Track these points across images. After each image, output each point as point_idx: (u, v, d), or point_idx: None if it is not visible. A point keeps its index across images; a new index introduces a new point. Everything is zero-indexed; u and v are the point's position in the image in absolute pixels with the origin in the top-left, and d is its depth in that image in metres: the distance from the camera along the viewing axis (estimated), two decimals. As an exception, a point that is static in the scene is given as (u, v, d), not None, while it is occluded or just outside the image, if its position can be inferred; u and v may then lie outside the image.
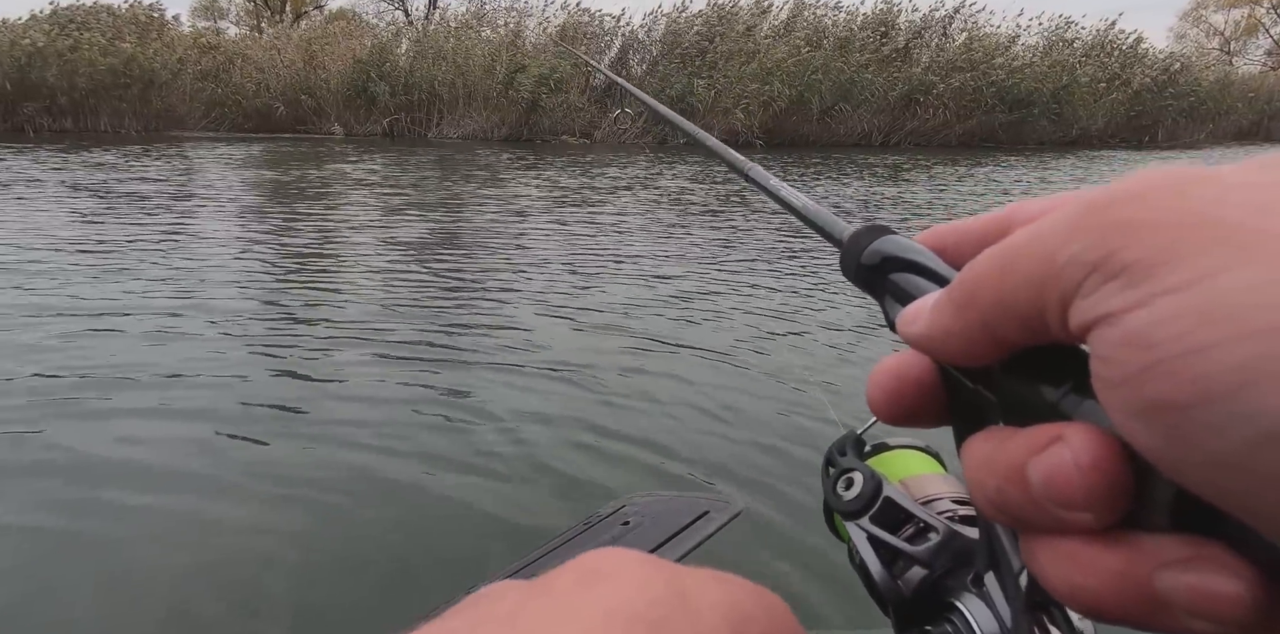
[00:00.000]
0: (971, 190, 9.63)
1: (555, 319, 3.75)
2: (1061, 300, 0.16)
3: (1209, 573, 0.15)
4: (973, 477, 0.19)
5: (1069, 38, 20.10)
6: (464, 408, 2.66)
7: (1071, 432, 0.16)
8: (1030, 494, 0.17)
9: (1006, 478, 0.17)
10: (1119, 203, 0.16)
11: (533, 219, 6.68)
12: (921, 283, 0.23)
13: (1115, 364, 0.15)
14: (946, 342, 0.19)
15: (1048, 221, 0.17)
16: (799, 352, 3.39)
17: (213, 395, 2.70)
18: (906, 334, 0.21)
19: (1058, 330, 0.17)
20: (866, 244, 0.25)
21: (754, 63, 16.18)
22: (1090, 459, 0.16)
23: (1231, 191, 0.15)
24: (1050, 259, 0.16)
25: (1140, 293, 0.15)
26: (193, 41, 16.76)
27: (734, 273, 4.84)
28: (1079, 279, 0.16)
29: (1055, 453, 0.16)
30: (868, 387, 0.22)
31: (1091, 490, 0.16)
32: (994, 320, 0.18)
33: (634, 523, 1.50)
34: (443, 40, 16.70)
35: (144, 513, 1.97)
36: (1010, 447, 0.18)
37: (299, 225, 6.16)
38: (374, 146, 13.89)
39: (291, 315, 3.73)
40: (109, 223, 5.89)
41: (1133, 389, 0.15)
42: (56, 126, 14.68)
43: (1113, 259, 0.15)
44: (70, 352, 3.07)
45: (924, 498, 0.38)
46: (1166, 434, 0.14)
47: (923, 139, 17.93)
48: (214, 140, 14.35)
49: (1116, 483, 0.16)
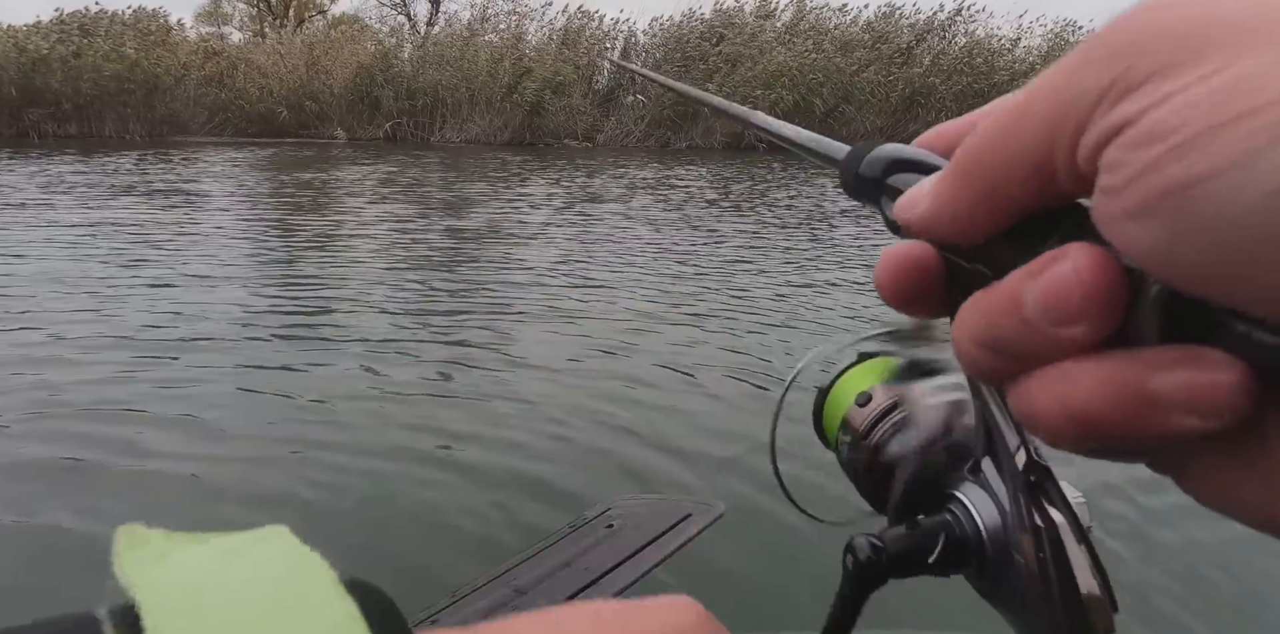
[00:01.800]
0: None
1: (546, 322, 3.75)
2: (1073, 134, 0.16)
3: (1203, 368, 0.15)
4: (961, 324, 0.19)
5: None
6: (449, 412, 2.66)
7: (1069, 249, 0.16)
8: (1023, 317, 0.17)
9: (999, 310, 0.17)
10: (1122, 24, 0.16)
11: (532, 223, 6.69)
12: (919, 177, 0.23)
13: (1123, 166, 0.15)
14: (948, 218, 0.19)
15: (1050, 69, 0.17)
16: (790, 353, 3.38)
17: (209, 401, 2.71)
18: (906, 219, 0.21)
19: (1066, 177, 0.17)
20: (864, 154, 0.25)
21: (758, 67, 16.20)
22: (1089, 263, 0.16)
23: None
24: (1059, 96, 0.16)
25: (1152, 97, 0.15)
26: (196, 47, 16.86)
27: (732, 276, 4.84)
28: (1091, 105, 0.16)
29: (1056, 269, 0.16)
30: (875, 270, 0.23)
31: (1089, 297, 0.16)
32: (998, 184, 0.18)
33: (618, 526, 1.50)
34: (446, 45, 16.77)
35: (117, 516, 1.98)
36: (1004, 283, 0.18)
37: (302, 229, 6.18)
38: (377, 151, 13.94)
39: (292, 317, 3.74)
40: (114, 226, 5.92)
41: (1140, 182, 0.15)
42: (61, 132, 14.78)
43: (1126, 76, 0.15)
44: (74, 351, 3.09)
45: (904, 392, 0.39)
46: (1170, 223, 0.14)
47: (926, 141, 17.94)
48: (218, 145, 14.42)
49: (1114, 286, 0.16)
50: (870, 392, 0.41)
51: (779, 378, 3.06)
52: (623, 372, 3.06)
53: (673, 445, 2.40)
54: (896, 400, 0.39)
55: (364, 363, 3.11)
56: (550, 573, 1.53)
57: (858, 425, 0.40)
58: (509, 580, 1.53)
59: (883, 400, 0.39)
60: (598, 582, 1.50)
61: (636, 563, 1.50)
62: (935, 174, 0.20)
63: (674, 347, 3.41)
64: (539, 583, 1.52)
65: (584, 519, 1.53)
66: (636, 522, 1.50)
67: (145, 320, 3.56)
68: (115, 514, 1.98)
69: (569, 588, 1.49)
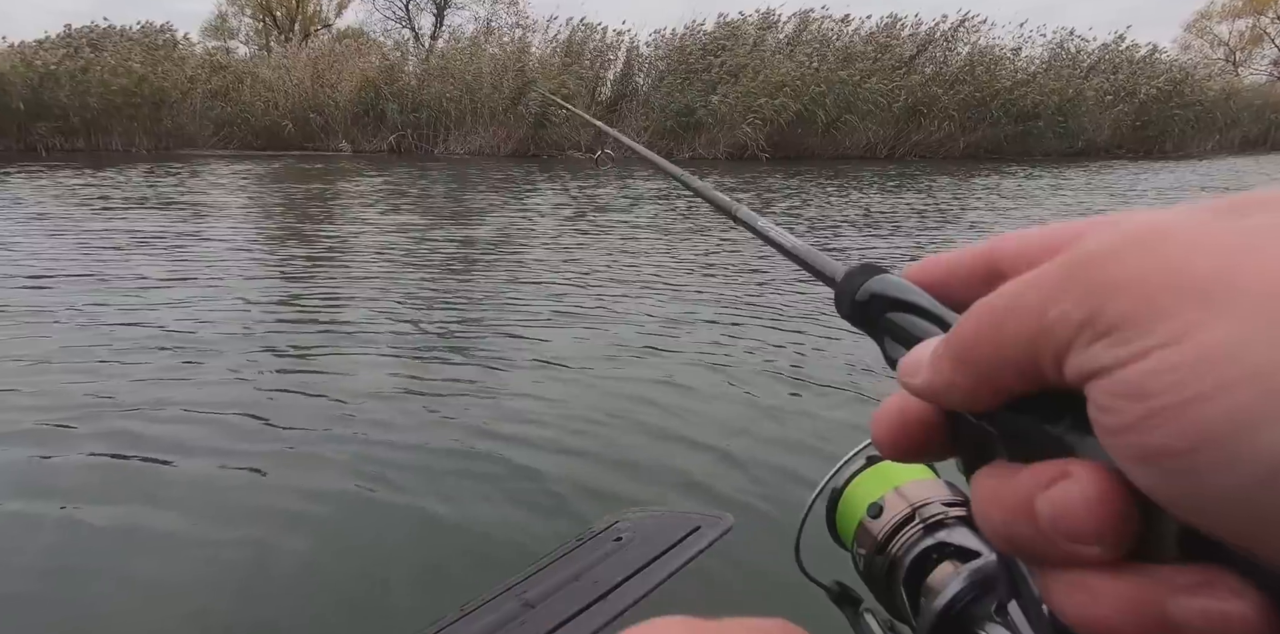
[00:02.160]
0: (988, 203, 9.62)
1: (553, 335, 3.75)
2: (1055, 356, 0.17)
3: (1220, 596, 0.15)
4: (981, 510, 0.19)
5: (1074, 50, 20.14)
6: (455, 424, 2.66)
7: (1078, 467, 0.17)
8: (1039, 528, 0.17)
9: (1015, 512, 0.18)
10: (1096, 261, 0.17)
11: (538, 234, 6.70)
12: (917, 322, 0.24)
13: (1114, 413, 0.16)
14: (948, 393, 0.20)
15: (1032, 279, 0.18)
16: (799, 366, 3.38)
17: (211, 412, 2.71)
18: (909, 386, 0.21)
19: (1055, 380, 0.17)
20: (860, 284, 0.26)
21: (760, 77, 16.25)
22: (1098, 493, 0.16)
23: (1199, 241, 0.16)
24: (1039, 318, 0.17)
25: (1131, 349, 0.15)
26: (203, 61, 16.98)
27: (738, 287, 4.84)
28: (1069, 337, 0.17)
29: (1064, 488, 0.17)
30: (872, 427, 0.23)
31: (1100, 524, 0.16)
32: (991, 373, 0.19)
33: (626, 539, 1.49)
34: (450, 58, 16.88)
35: (119, 530, 1.98)
36: (1017, 482, 0.18)
37: (309, 239, 6.20)
38: (382, 163, 14.00)
39: (296, 331, 3.75)
40: (123, 238, 5.95)
41: (1135, 436, 0.15)
42: (69, 146, 14.87)
43: (1099, 317, 0.16)
44: (83, 360, 3.10)
45: (918, 502, 0.40)
46: (1170, 477, 0.15)
47: (928, 151, 17.95)
48: (224, 158, 14.50)
49: (1124, 516, 0.16)
50: (882, 502, 0.41)
51: (790, 388, 3.05)
52: (631, 383, 3.06)
53: (682, 457, 2.39)
54: (911, 513, 0.39)
55: (370, 375, 3.11)
56: (559, 586, 1.53)
57: (872, 538, 0.40)
58: (518, 594, 1.53)
59: (896, 512, 0.40)
60: (607, 596, 1.50)
61: (646, 577, 1.49)
62: (932, 343, 0.21)
63: (685, 357, 3.41)
64: (548, 597, 1.51)
65: (592, 532, 1.52)
66: (645, 535, 1.49)
67: (164, 324, 3.57)
68: (133, 509, 1.98)
69: (578, 602, 1.48)
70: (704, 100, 16.21)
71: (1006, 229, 0.30)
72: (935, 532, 0.38)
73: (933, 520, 0.39)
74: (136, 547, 1.91)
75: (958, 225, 7.76)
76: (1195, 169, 15.70)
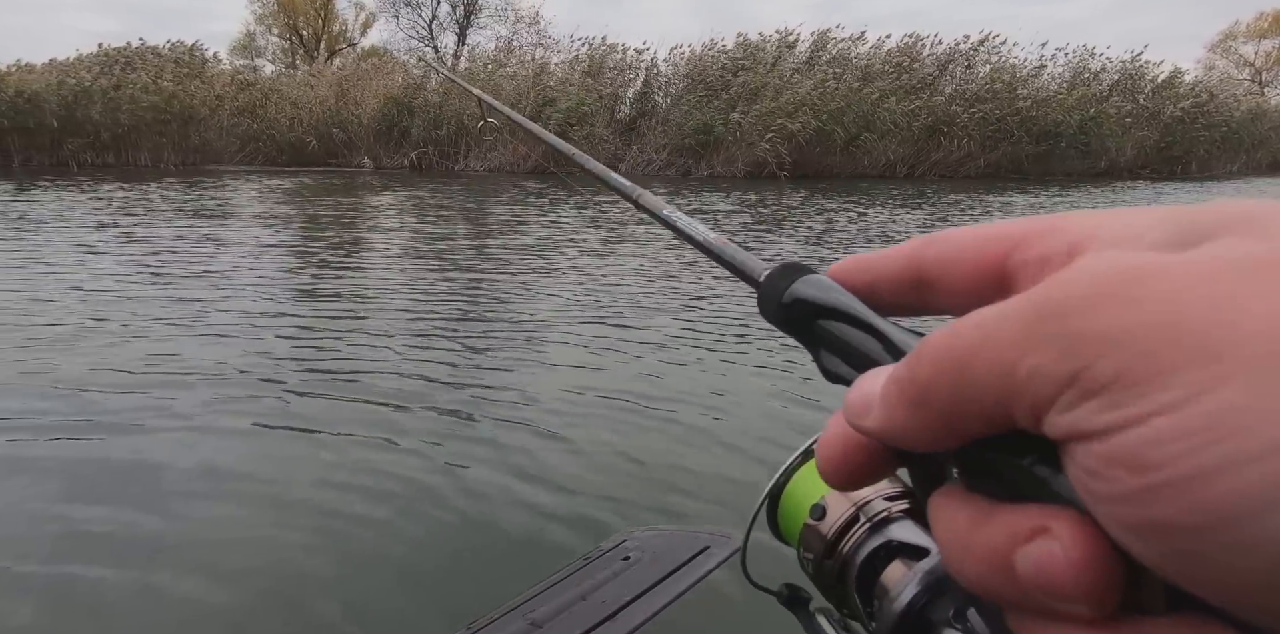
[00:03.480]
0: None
1: (568, 351, 3.75)
2: (1033, 411, 0.16)
3: None
4: (951, 555, 0.18)
5: (1095, 69, 20.07)
6: (466, 440, 2.65)
7: (1058, 523, 0.16)
8: (1018, 584, 0.16)
9: (989, 565, 0.17)
10: (1075, 310, 0.15)
11: (557, 250, 6.73)
12: (854, 336, 0.22)
13: (1107, 482, 0.15)
14: (905, 436, 0.19)
15: (995, 322, 0.16)
16: (810, 383, 3.35)
17: (221, 426, 2.73)
18: (858, 427, 0.20)
19: (1030, 429, 0.16)
20: (785, 286, 0.24)
21: (783, 97, 16.31)
22: (1082, 554, 0.15)
23: (1187, 289, 0.14)
24: (1009, 369, 0.16)
25: (1126, 413, 0.14)
26: (230, 79, 17.34)
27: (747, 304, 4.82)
28: (1051, 394, 0.15)
29: (1045, 546, 0.16)
30: (817, 460, 0.22)
31: (1086, 585, 0.15)
32: (953, 420, 0.17)
33: (634, 558, 1.47)
34: (472, 76, 17.11)
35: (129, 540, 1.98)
36: (990, 532, 0.17)
37: (331, 253, 6.27)
38: (404, 179, 14.17)
39: (312, 343, 3.77)
40: (152, 251, 6.04)
41: (1132, 508, 0.14)
42: (99, 161, 15.20)
43: (1086, 375, 0.15)
44: (104, 361, 3.13)
45: (859, 500, 0.39)
46: (1171, 553, 0.14)
47: (948, 170, 17.90)
48: (249, 173, 14.74)
49: (1111, 576, 0.15)
50: (824, 503, 0.40)
51: (804, 406, 3.02)
52: (643, 401, 3.04)
53: (691, 475, 2.37)
54: (855, 513, 0.38)
55: (381, 389, 3.11)
56: (567, 606, 1.51)
57: (820, 541, 0.39)
58: (524, 612, 1.51)
59: (840, 513, 0.39)
60: (615, 616, 1.48)
61: (654, 597, 1.47)
62: (880, 378, 0.19)
63: (698, 375, 3.39)
64: (555, 616, 1.49)
65: (600, 551, 1.50)
66: (654, 554, 1.47)
67: (177, 337, 3.61)
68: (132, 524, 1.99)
69: (586, 622, 1.46)
70: (723, 118, 16.28)
71: None
72: (882, 529, 0.37)
73: (878, 518, 0.38)
74: (132, 548, 1.91)
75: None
76: (1220, 190, 15.51)
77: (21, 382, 3.10)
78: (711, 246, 0.30)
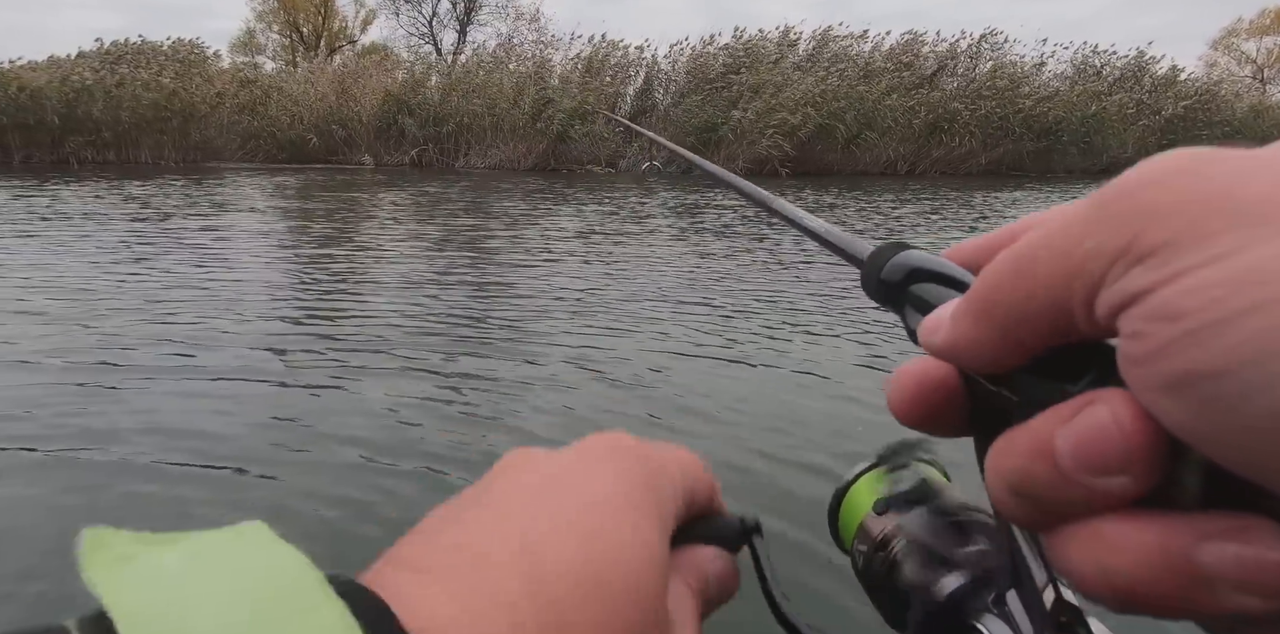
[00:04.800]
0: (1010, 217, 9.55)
1: (569, 339, 3.75)
2: (1087, 291, 0.16)
3: (1257, 542, 0.14)
4: (992, 467, 0.18)
5: (1098, 64, 20.05)
6: (467, 426, 2.65)
7: (1105, 395, 0.16)
8: (1057, 466, 0.16)
9: (1030, 454, 0.17)
10: (1135, 190, 0.16)
11: (556, 248, 6.73)
12: (941, 291, 0.23)
13: (1144, 338, 0.15)
14: (969, 350, 0.19)
15: (1060, 218, 0.17)
16: (819, 369, 3.34)
17: (221, 415, 2.73)
18: (928, 344, 0.20)
19: (1084, 324, 0.16)
20: (886, 260, 0.25)
21: (783, 95, 16.31)
22: (1129, 413, 0.15)
23: (1250, 168, 0.15)
24: (1069, 254, 0.16)
25: (1169, 270, 0.15)
26: (231, 76, 17.34)
27: (758, 297, 4.82)
28: (1104, 268, 0.16)
29: (1091, 414, 0.16)
30: (889, 389, 0.22)
31: (1130, 445, 0.15)
32: (1015, 323, 0.18)
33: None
34: (472, 74, 17.11)
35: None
36: (1034, 423, 0.17)
37: (330, 250, 6.27)
38: (404, 176, 14.17)
39: (314, 337, 3.77)
40: (154, 247, 6.04)
41: (1163, 361, 0.14)
42: (100, 158, 15.21)
43: (1137, 243, 0.15)
44: (102, 357, 3.14)
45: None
46: (1198, 405, 0.14)
47: (949, 167, 17.90)
48: (250, 171, 14.75)
49: (1154, 441, 0.15)
50: (889, 499, 0.39)
51: (809, 394, 3.02)
52: (641, 394, 3.03)
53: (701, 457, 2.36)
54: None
55: (376, 382, 3.11)
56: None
57: (875, 535, 0.38)
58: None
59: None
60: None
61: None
62: (953, 302, 0.20)
63: (696, 370, 3.39)
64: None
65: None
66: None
67: (176, 330, 3.62)
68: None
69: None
70: (724, 116, 16.29)
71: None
72: None
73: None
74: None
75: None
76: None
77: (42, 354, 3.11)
78: (828, 236, 0.32)
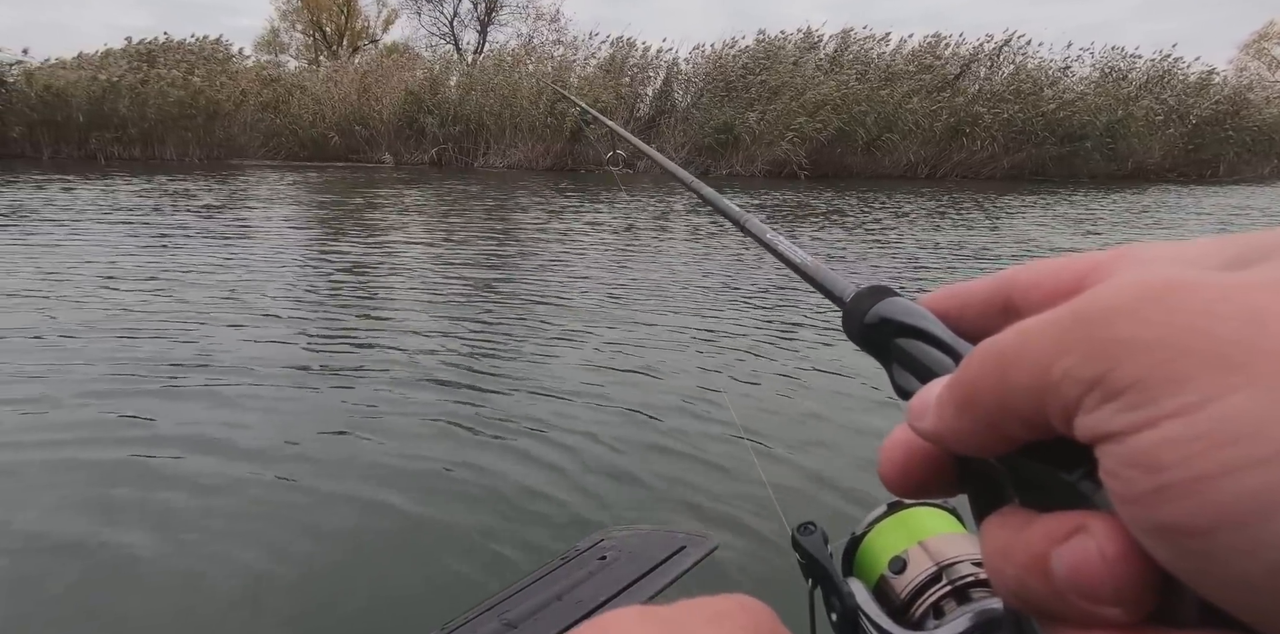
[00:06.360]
0: (1037, 225, 9.43)
1: (561, 350, 3.74)
2: (1064, 413, 0.16)
3: None
4: (992, 564, 0.18)
5: (1124, 68, 19.74)
6: (445, 437, 2.63)
7: (1094, 522, 0.16)
8: (1053, 586, 0.16)
9: (1027, 568, 0.17)
10: (1108, 317, 0.16)
11: (571, 248, 6.73)
12: (927, 351, 0.23)
13: (1125, 482, 0.15)
14: (954, 439, 0.19)
15: (1038, 328, 0.17)
16: (795, 392, 3.31)
17: (222, 420, 2.74)
18: (916, 429, 0.20)
19: (1065, 433, 0.17)
20: (869, 306, 0.25)
21: (805, 96, 16.20)
22: (1116, 551, 0.15)
23: (1218, 301, 0.15)
24: (1045, 371, 0.16)
25: (1143, 415, 0.15)
26: (255, 74, 17.51)
27: (769, 307, 4.79)
28: (1078, 395, 0.16)
29: (1080, 543, 0.16)
30: (879, 460, 0.22)
31: (1119, 584, 0.15)
32: (997, 422, 0.18)
33: (611, 558, 1.45)
34: (492, 74, 17.16)
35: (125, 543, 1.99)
36: (1030, 535, 0.17)
37: (352, 245, 6.31)
38: (423, 175, 14.25)
39: (326, 334, 3.79)
40: (180, 242, 6.11)
41: (1145, 509, 0.15)
42: (126, 155, 15.42)
43: (1110, 378, 0.15)
44: (119, 359, 3.17)
45: (944, 561, 0.36)
46: (1184, 556, 0.14)
47: (970, 171, 17.70)
48: (272, 168, 14.90)
49: (1145, 576, 0.15)
50: (905, 556, 0.37)
51: (796, 412, 2.99)
52: (633, 402, 3.01)
53: (670, 478, 2.33)
54: (937, 572, 0.36)
55: (368, 388, 3.12)
56: (542, 606, 1.49)
57: (894, 597, 0.36)
58: (499, 613, 1.49)
59: (921, 569, 0.36)
60: (590, 616, 1.45)
61: (629, 596, 1.45)
62: (939, 384, 0.20)
63: (693, 378, 3.37)
64: (530, 616, 1.48)
65: (576, 550, 1.49)
66: (630, 554, 1.45)
67: (199, 327, 3.65)
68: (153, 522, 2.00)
69: (561, 622, 1.44)
70: (742, 117, 16.21)
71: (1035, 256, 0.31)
72: (965, 599, 0.35)
73: (962, 582, 0.35)
74: (116, 562, 1.92)
75: (995, 251, 7.60)
76: (1250, 194, 15.21)
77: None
78: (806, 269, 0.31)
